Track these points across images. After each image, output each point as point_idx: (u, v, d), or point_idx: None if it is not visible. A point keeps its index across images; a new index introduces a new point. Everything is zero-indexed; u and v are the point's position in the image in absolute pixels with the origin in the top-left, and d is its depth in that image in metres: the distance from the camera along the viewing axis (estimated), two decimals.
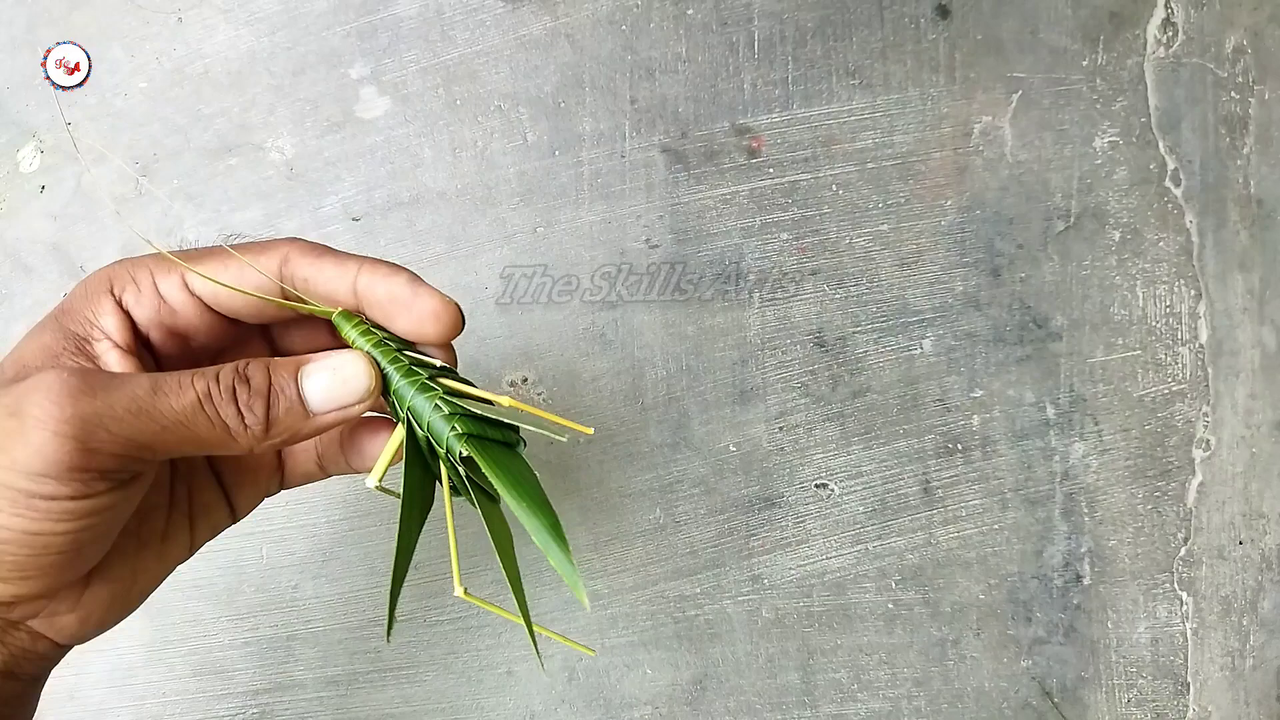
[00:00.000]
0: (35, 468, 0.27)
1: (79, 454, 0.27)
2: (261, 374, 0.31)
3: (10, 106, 0.53)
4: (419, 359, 0.32)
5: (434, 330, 0.32)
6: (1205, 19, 0.54)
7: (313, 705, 0.53)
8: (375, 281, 0.32)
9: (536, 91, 0.53)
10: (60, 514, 0.28)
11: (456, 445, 0.31)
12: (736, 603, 0.53)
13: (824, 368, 0.53)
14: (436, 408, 0.31)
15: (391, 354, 0.32)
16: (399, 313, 0.32)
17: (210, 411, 0.29)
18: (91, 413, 0.27)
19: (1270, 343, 0.54)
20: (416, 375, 0.31)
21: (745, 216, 0.53)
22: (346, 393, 0.31)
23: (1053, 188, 0.54)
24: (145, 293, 0.32)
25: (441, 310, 0.32)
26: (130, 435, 0.28)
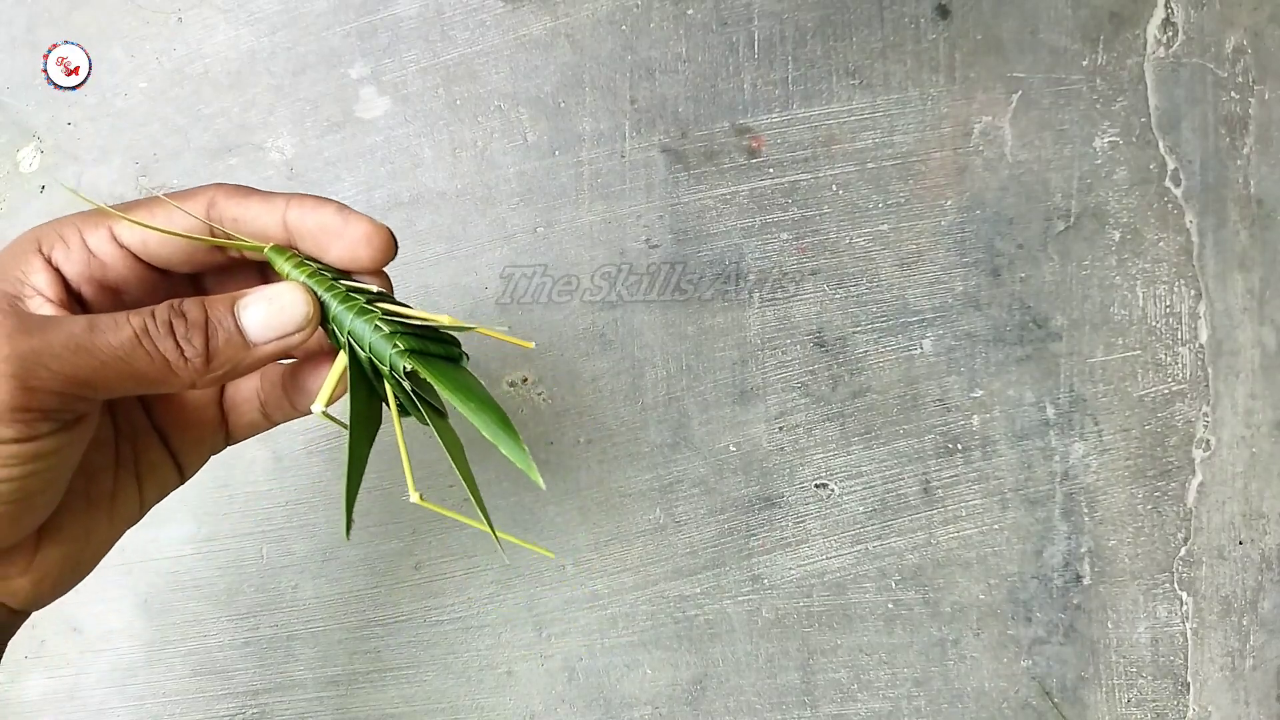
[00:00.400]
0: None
1: (19, 393, 0.27)
2: (198, 308, 0.31)
3: (10, 106, 0.53)
4: (356, 286, 0.32)
5: (367, 255, 0.32)
6: (1205, 19, 0.54)
7: (313, 705, 0.53)
8: (305, 213, 0.32)
9: (536, 91, 0.53)
10: (5, 458, 0.28)
11: (400, 362, 0.31)
12: (736, 603, 0.53)
13: (824, 368, 0.53)
14: (377, 328, 0.31)
15: (327, 283, 0.32)
16: (331, 242, 0.32)
17: (149, 345, 0.29)
18: (29, 350, 0.27)
19: (1270, 343, 0.54)
20: (354, 300, 0.31)
21: (745, 216, 0.53)
22: (285, 320, 0.31)
23: (1053, 188, 0.54)
24: (74, 248, 0.32)
25: (373, 234, 0.32)
26: (70, 372, 0.28)
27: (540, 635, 0.53)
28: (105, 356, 0.29)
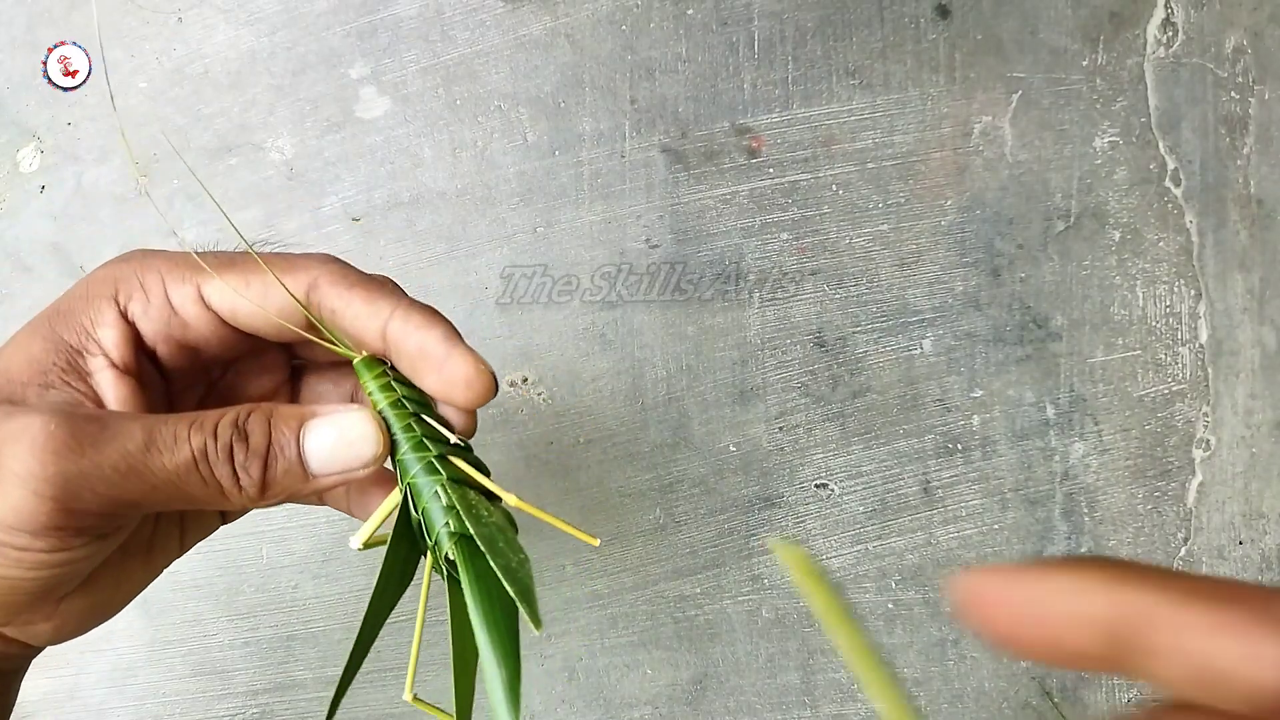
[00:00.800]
0: (9, 521, 0.25)
1: (58, 514, 0.25)
2: (261, 430, 0.28)
3: (10, 106, 0.53)
4: (434, 429, 0.30)
5: (463, 397, 0.29)
6: (1205, 19, 0.54)
7: (313, 705, 0.53)
8: (408, 332, 0.29)
9: (536, 91, 0.53)
10: (32, 564, 0.26)
11: (445, 543, 0.29)
12: (736, 602, 0.53)
13: (824, 368, 0.53)
14: (436, 495, 0.29)
15: (406, 419, 0.29)
16: (428, 370, 0.29)
17: (204, 471, 0.27)
18: (76, 473, 0.25)
19: (1270, 343, 0.54)
20: (426, 452, 0.29)
21: (745, 216, 0.53)
22: (350, 456, 0.29)
23: (1053, 188, 0.54)
24: (155, 302, 0.30)
25: (474, 379, 0.29)
26: (117, 495, 0.26)
27: (540, 635, 0.53)
28: (158, 481, 0.27)
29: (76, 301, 0.30)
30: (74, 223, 0.53)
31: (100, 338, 0.29)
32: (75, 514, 0.26)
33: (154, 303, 0.30)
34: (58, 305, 0.30)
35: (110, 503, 0.26)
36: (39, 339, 0.29)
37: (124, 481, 0.26)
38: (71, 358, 0.29)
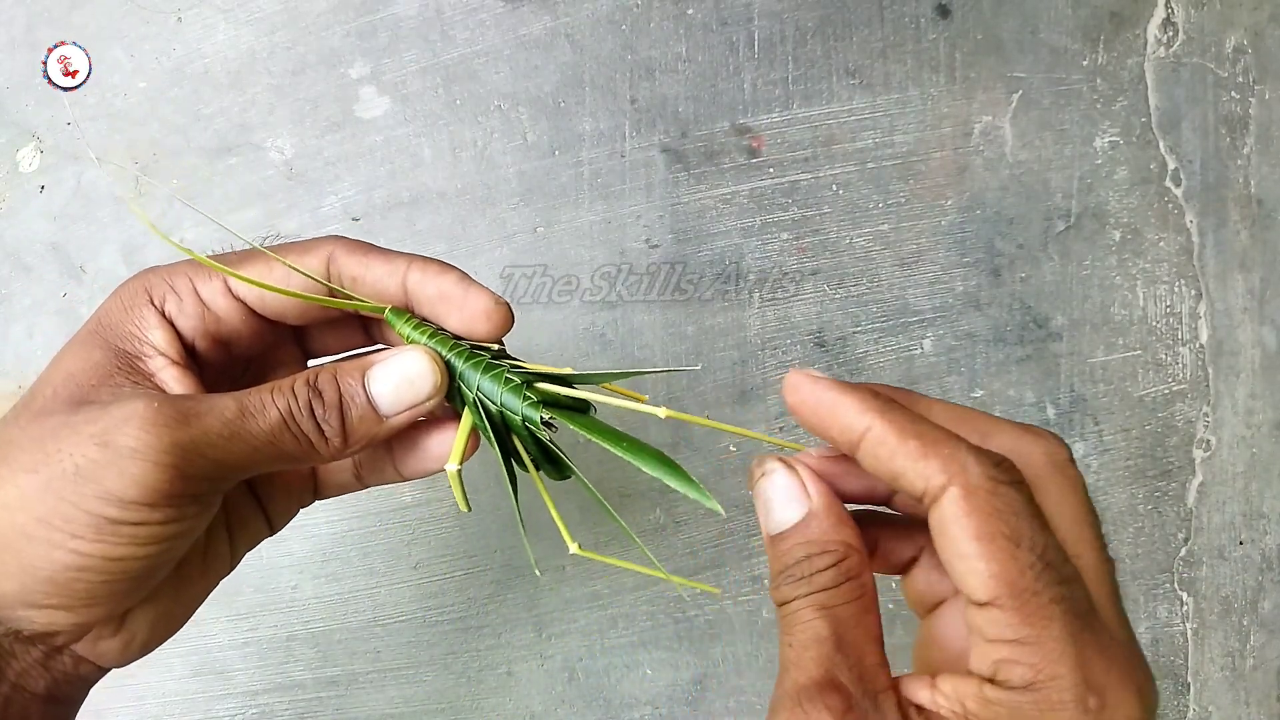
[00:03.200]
0: (131, 496, 0.27)
1: (178, 481, 0.28)
2: (331, 385, 0.31)
3: (10, 106, 0.53)
4: (476, 345, 0.33)
5: (485, 327, 0.32)
6: (1205, 19, 0.54)
7: (312, 705, 0.53)
8: (426, 279, 0.32)
9: (536, 91, 0.53)
10: (146, 538, 0.28)
11: (535, 413, 0.31)
12: (736, 603, 0.53)
13: (824, 368, 0.53)
14: (507, 381, 0.31)
15: (449, 343, 0.32)
16: (450, 310, 0.32)
17: (294, 428, 0.30)
18: (188, 440, 0.28)
19: (1270, 343, 0.54)
20: (479, 357, 0.32)
21: (745, 216, 0.53)
22: (415, 392, 0.31)
23: (1053, 187, 0.54)
24: (187, 300, 0.32)
25: (493, 309, 0.32)
26: (223, 459, 0.29)
27: (540, 635, 0.53)
28: (257, 441, 0.29)
29: (116, 314, 0.32)
30: (73, 223, 0.53)
31: (152, 340, 0.31)
32: (191, 480, 0.28)
33: (186, 301, 0.32)
34: (99, 319, 0.32)
35: (219, 466, 0.29)
36: (95, 349, 0.31)
37: (229, 445, 0.29)
38: (131, 362, 0.31)
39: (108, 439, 0.27)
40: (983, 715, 0.25)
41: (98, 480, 0.27)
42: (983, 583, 0.24)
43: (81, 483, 0.27)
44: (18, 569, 0.28)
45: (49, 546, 0.28)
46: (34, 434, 0.28)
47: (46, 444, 0.28)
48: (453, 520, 0.53)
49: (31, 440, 0.28)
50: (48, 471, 0.28)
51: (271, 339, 0.35)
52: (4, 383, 0.53)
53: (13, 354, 0.53)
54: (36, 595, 0.29)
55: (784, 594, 0.28)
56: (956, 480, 0.25)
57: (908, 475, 0.26)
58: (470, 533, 0.53)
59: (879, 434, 0.26)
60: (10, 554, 0.28)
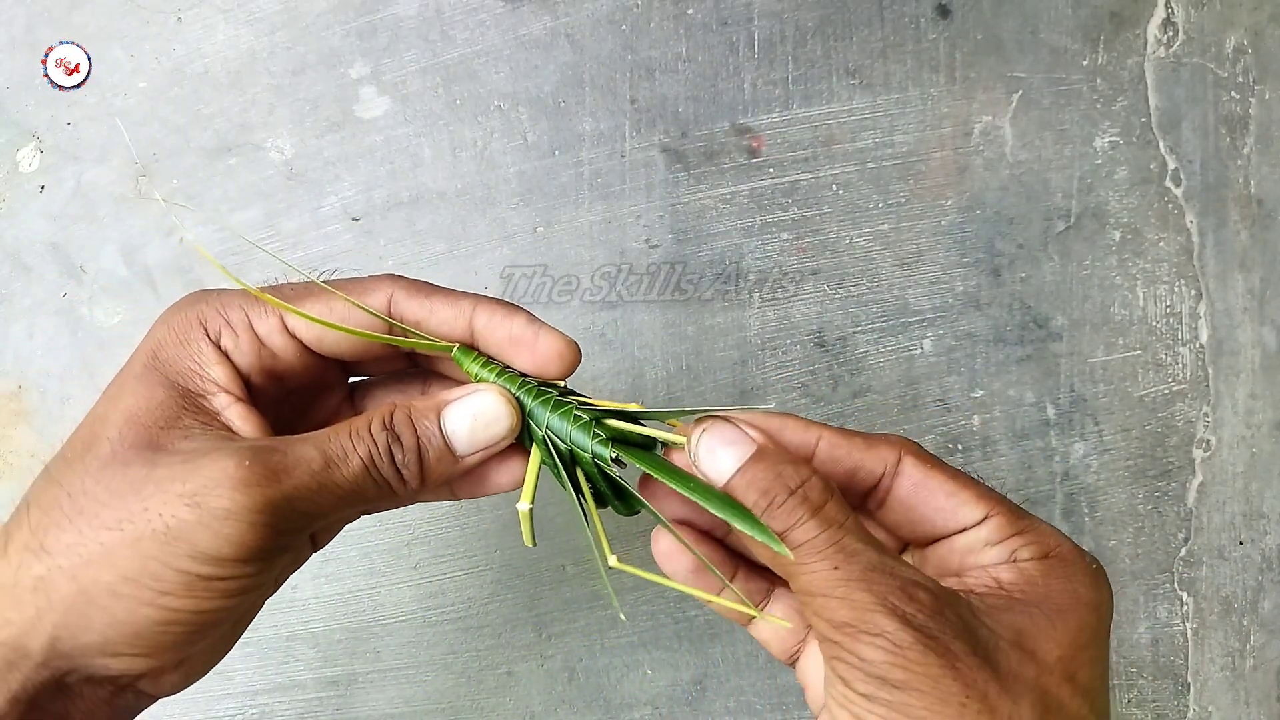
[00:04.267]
0: (225, 554, 0.27)
1: (270, 538, 0.28)
2: (409, 428, 0.31)
3: (10, 106, 0.53)
4: (543, 382, 0.33)
5: (557, 367, 0.32)
6: (1205, 19, 0.54)
7: (312, 705, 0.53)
8: (495, 322, 0.32)
9: (536, 91, 0.53)
10: (236, 591, 0.28)
11: (604, 450, 0.32)
12: None
13: (824, 368, 0.53)
14: (576, 419, 0.32)
15: (518, 380, 0.32)
16: (521, 352, 0.32)
17: (375, 475, 0.30)
18: (280, 497, 0.28)
19: (1270, 343, 0.54)
20: (548, 394, 0.32)
21: (745, 216, 0.53)
22: (491, 433, 0.32)
23: (1053, 188, 0.54)
24: (243, 337, 0.32)
25: (565, 350, 0.32)
26: (311, 510, 0.29)
27: (540, 635, 0.53)
28: (343, 492, 0.29)
29: (171, 348, 0.31)
30: (73, 223, 0.53)
31: (213, 376, 0.31)
32: (283, 534, 0.28)
33: (243, 337, 0.31)
34: (153, 353, 0.31)
35: (307, 518, 0.29)
36: (156, 386, 0.30)
37: (317, 498, 0.29)
38: (195, 401, 0.30)
39: (199, 500, 0.27)
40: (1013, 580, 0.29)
41: (190, 540, 0.27)
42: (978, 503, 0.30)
43: (172, 542, 0.27)
44: (103, 624, 0.28)
45: (136, 603, 0.28)
46: (112, 486, 0.28)
47: (129, 500, 0.28)
48: (453, 520, 0.53)
49: (110, 494, 0.28)
50: (134, 530, 0.27)
51: (324, 372, 0.34)
52: (4, 382, 0.53)
53: (13, 354, 0.53)
54: (120, 646, 0.29)
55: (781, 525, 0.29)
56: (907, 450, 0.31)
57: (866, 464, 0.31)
58: (470, 533, 0.53)
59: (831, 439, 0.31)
60: (95, 609, 0.28)
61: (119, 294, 0.53)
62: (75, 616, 0.28)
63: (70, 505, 0.28)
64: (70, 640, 0.28)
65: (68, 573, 0.28)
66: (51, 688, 0.29)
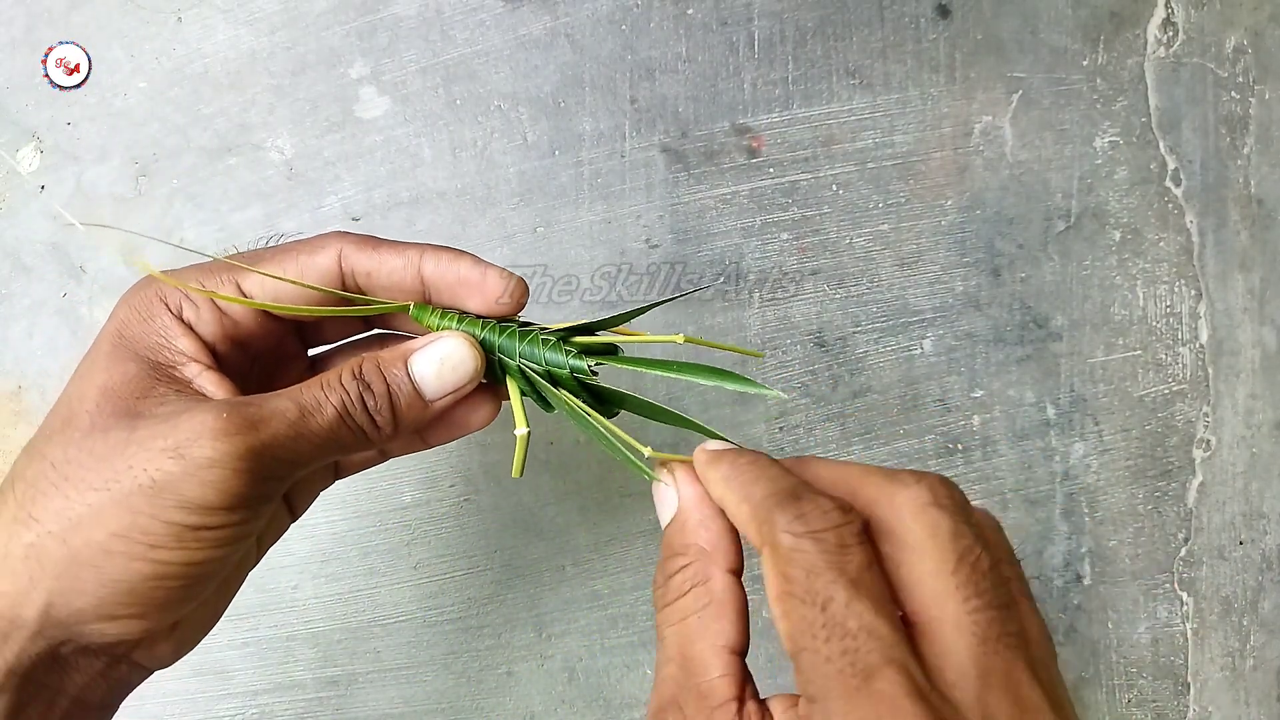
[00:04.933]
0: (211, 502, 0.28)
1: (252, 484, 0.29)
2: (378, 376, 0.32)
3: (10, 106, 0.53)
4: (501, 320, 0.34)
5: (507, 305, 0.34)
6: (1205, 19, 0.54)
7: (313, 705, 0.53)
8: (442, 267, 0.33)
9: (536, 91, 0.53)
10: (224, 540, 0.29)
11: (580, 362, 0.33)
12: None
13: (824, 368, 0.53)
14: (545, 342, 0.34)
15: (478, 323, 0.34)
16: (470, 294, 0.33)
17: (350, 422, 0.31)
18: (259, 444, 0.29)
19: (1271, 343, 0.54)
20: (510, 329, 0.34)
21: (745, 216, 0.53)
22: (458, 376, 0.33)
23: (1053, 187, 0.54)
24: (203, 307, 0.32)
25: (512, 285, 0.34)
26: (289, 457, 0.30)
27: (540, 635, 0.53)
28: (318, 438, 0.30)
29: (136, 325, 0.32)
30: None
31: (181, 347, 0.32)
32: (263, 480, 0.29)
33: (203, 308, 0.33)
34: (118, 331, 0.32)
35: (286, 465, 0.30)
36: (127, 361, 0.31)
37: (294, 444, 0.30)
38: (167, 371, 0.32)
39: (182, 452, 0.28)
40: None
41: (177, 491, 0.28)
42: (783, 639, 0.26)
43: (159, 495, 0.28)
44: (95, 584, 0.29)
45: (128, 559, 0.28)
46: (96, 451, 0.29)
47: (114, 461, 0.29)
48: (453, 520, 0.53)
49: (94, 458, 0.29)
50: (120, 488, 0.28)
51: (282, 336, 0.36)
52: (4, 382, 0.53)
53: (12, 354, 0.53)
54: (114, 608, 0.29)
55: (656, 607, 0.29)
56: (767, 540, 0.27)
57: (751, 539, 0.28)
58: (470, 533, 0.53)
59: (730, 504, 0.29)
60: (87, 570, 0.29)
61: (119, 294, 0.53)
62: (68, 580, 0.29)
63: (55, 474, 0.29)
64: (64, 606, 0.29)
65: (58, 537, 0.28)
66: (47, 660, 0.30)
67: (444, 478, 0.53)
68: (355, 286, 0.34)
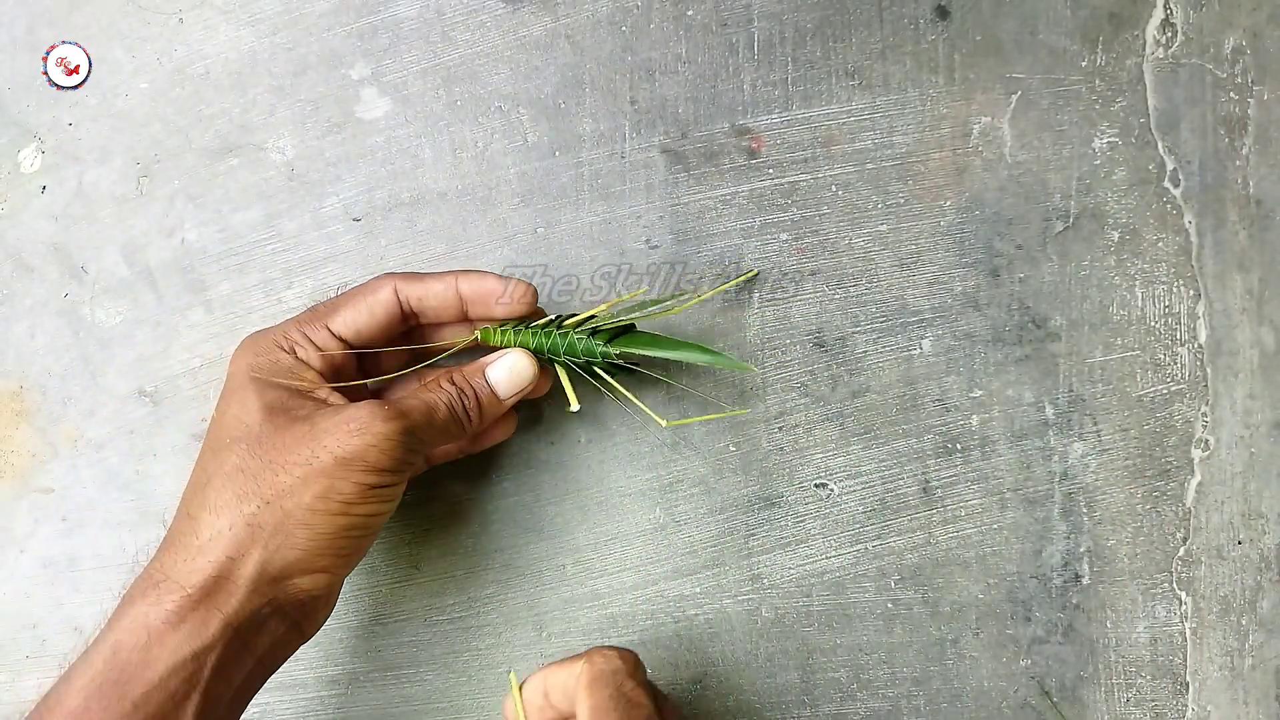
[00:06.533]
0: (384, 465, 0.39)
1: (406, 453, 0.40)
2: (466, 382, 0.44)
3: (11, 107, 0.53)
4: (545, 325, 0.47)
5: (523, 307, 0.46)
6: (1204, 20, 0.54)
7: (313, 705, 0.53)
8: (473, 284, 0.45)
9: (537, 92, 0.53)
10: (389, 496, 0.41)
11: (609, 349, 0.46)
12: (736, 602, 0.53)
13: (823, 368, 0.54)
14: (580, 338, 0.46)
15: (526, 332, 0.46)
16: (497, 302, 0.45)
17: (456, 414, 0.43)
18: (411, 426, 0.41)
19: (1269, 343, 0.55)
20: (550, 332, 0.46)
21: (745, 217, 0.54)
22: (522, 380, 0.46)
23: (1052, 188, 0.54)
24: (309, 348, 0.43)
25: (527, 291, 0.46)
26: (425, 437, 0.42)
27: (540, 635, 0.53)
28: (440, 426, 0.43)
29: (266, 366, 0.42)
30: (75, 223, 0.53)
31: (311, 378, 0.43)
32: (412, 453, 0.41)
33: (309, 348, 0.44)
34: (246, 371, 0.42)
35: (422, 443, 0.42)
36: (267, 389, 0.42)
37: (427, 429, 0.42)
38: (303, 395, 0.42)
39: (365, 429, 0.39)
40: None
41: (362, 459, 0.39)
42: None
43: (349, 463, 0.39)
44: (304, 537, 0.39)
45: (328, 515, 0.39)
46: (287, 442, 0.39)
47: (306, 445, 0.39)
48: (453, 519, 0.53)
49: (287, 447, 0.39)
50: (319, 462, 0.39)
51: (358, 362, 0.46)
52: (5, 382, 0.53)
53: (14, 354, 0.53)
54: (315, 558, 0.39)
55: None
56: None
57: None
58: (471, 532, 0.53)
59: None
60: (300, 527, 0.39)
61: (120, 294, 0.53)
62: (284, 536, 0.38)
63: (258, 462, 0.39)
64: (279, 560, 0.39)
65: (274, 505, 0.38)
66: (252, 618, 0.39)
67: (445, 478, 0.53)
68: (411, 311, 0.45)
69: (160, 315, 0.53)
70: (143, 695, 0.36)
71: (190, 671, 0.36)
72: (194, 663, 0.37)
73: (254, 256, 0.54)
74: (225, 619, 0.37)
